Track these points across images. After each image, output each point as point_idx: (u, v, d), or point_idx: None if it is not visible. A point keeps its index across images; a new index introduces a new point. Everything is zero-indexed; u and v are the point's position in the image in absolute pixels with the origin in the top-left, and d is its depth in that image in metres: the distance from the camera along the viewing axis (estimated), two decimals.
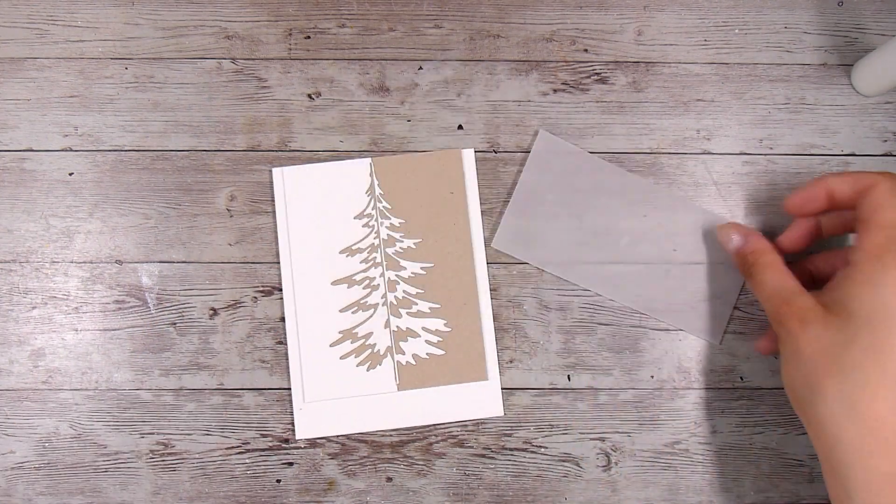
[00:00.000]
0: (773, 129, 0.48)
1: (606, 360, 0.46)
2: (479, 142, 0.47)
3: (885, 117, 0.49)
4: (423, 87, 0.48)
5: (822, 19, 0.49)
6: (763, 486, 0.45)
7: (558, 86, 0.48)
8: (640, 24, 0.49)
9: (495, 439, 0.45)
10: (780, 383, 0.46)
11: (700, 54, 0.49)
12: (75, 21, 0.47)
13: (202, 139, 0.47)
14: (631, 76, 0.48)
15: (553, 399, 0.45)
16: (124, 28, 0.48)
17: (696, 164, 0.48)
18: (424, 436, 0.45)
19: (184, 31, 0.48)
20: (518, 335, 0.46)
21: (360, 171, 0.46)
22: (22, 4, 0.47)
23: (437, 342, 0.45)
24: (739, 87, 0.49)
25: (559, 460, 0.45)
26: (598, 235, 0.47)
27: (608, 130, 0.48)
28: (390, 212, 0.46)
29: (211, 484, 0.44)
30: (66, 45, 0.47)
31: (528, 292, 0.46)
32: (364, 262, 0.46)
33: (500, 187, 0.47)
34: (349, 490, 0.44)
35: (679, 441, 0.45)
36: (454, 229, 0.46)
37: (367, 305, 0.45)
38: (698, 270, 0.46)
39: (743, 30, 0.49)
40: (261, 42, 0.48)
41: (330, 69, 0.48)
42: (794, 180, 0.48)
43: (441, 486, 0.45)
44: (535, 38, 0.49)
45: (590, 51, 0.49)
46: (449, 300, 0.45)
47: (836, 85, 0.49)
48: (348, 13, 0.48)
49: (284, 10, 0.48)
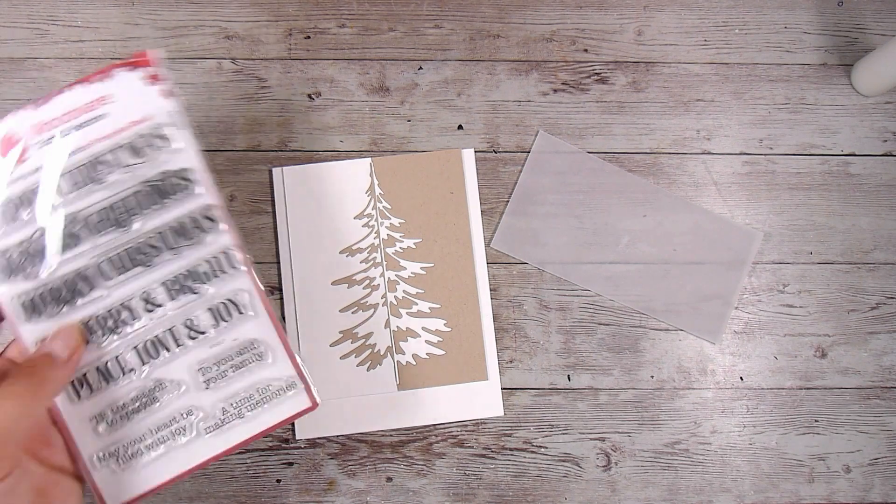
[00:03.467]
0: (773, 129, 0.48)
1: (606, 360, 0.46)
2: (479, 142, 0.47)
3: (885, 117, 0.49)
4: (423, 87, 0.48)
5: (822, 19, 0.49)
6: (763, 486, 0.45)
7: (558, 86, 0.48)
8: (640, 24, 0.49)
9: (495, 439, 0.45)
10: (780, 383, 0.46)
11: (700, 54, 0.49)
12: (75, 21, 0.47)
13: (202, 139, 0.47)
14: (631, 76, 0.48)
15: (553, 399, 0.45)
16: (124, 28, 0.47)
17: (696, 164, 0.48)
18: (424, 436, 0.45)
19: (184, 31, 0.48)
20: (518, 335, 0.46)
21: (360, 171, 0.46)
22: (22, 4, 0.47)
23: (438, 342, 0.45)
24: (739, 87, 0.49)
25: (559, 460, 0.45)
26: (598, 235, 0.47)
27: (608, 130, 0.48)
28: (390, 212, 0.46)
29: (211, 484, 0.44)
30: (66, 45, 0.47)
31: (528, 292, 0.46)
32: (364, 262, 0.46)
33: (500, 187, 0.47)
34: (349, 490, 0.44)
35: (679, 441, 0.45)
36: (454, 229, 0.46)
37: (368, 305, 0.45)
38: (698, 270, 0.46)
39: (743, 30, 0.49)
40: (261, 42, 0.48)
41: (330, 69, 0.48)
42: (794, 180, 0.48)
43: (441, 486, 0.45)
44: (535, 38, 0.49)
45: (590, 51, 0.49)
46: (449, 300, 0.45)
47: (836, 85, 0.49)
48: (348, 13, 0.48)
49: (284, 10, 0.48)
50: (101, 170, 0.35)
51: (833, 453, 0.45)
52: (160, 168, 0.35)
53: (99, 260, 0.35)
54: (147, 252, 0.35)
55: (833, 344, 0.46)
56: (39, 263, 0.35)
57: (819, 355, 0.46)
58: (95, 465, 0.35)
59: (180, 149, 0.35)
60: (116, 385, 0.35)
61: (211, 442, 0.36)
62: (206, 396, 0.36)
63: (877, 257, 0.47)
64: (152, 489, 0.35)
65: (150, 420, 0.35)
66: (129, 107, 0.35)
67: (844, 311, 0.47)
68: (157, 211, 0.35)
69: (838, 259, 0.47)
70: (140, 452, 0.35)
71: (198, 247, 0.35)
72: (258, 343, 0.36)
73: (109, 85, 0.35)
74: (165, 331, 0.35)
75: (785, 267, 0.47)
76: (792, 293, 0.47)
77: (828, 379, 0.46)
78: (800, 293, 0.47)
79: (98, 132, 0.35)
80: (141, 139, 0.35)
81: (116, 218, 0.35)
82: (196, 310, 0.36)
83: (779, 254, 0.47)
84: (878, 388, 0.46)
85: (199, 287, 0.36)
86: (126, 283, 0.35)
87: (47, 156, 0.35)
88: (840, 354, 0.46)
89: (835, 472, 0.45)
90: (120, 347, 0.35)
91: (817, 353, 0.46)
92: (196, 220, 0.35)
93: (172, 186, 0.35)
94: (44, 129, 0.35)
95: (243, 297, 0.36)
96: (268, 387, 0.36)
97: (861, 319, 0.47)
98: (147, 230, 0.35)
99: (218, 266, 0.36)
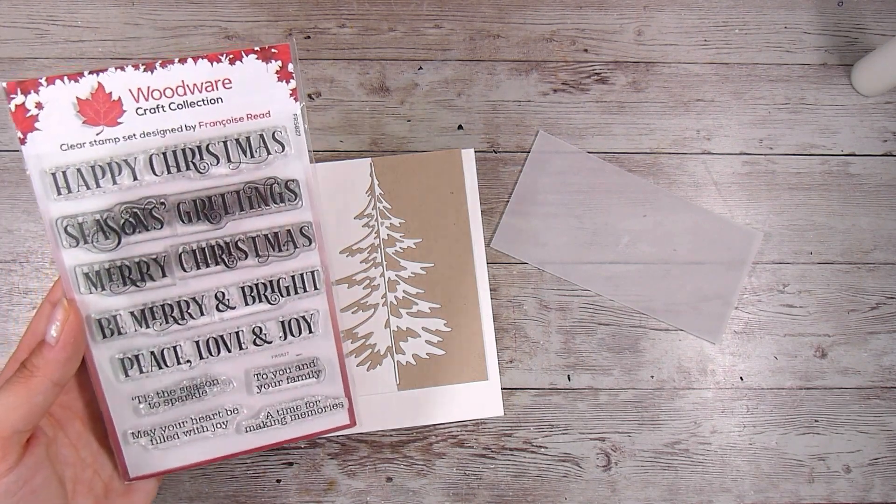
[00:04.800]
0: (773, 129, 0.48)
1: (606, 360, 0.46)
2: (479, 142, 0.47)
3: (885, 117, 0.49)
4: (423, 87, 0.48)
5: (822, 19, 0.49)
6: (763, 486, 0.45)
7: (558, 86, 0.48)
8: (640, 24, 0.49)
9: (495, 439, 0.45)
10: (780, 383, 0.46)
11: (700, 54, 0.49)
12: (75, 21, 0.47)
13: None
14: (631, 76, 0.48)
15: (553, 399, 0.45)
16: (124, 28, 0.47)
17: (696, 164, 0.48)
18: (424, 436, 0.45)
19: (184, 31, 0.48)
20: (518, 335, 0.46)
21: (360, 171, 0.46)
22: (22, 4, 0.47)
23: (438, 342, 0.45)
24: (739, 87, 0.49)
25: (559, 460, 0.45)
26: (598, 235, 0.47)
27: (608, 130, 0.48)
28: (390, 212, 0.46)
29: (211, 484, 0.44)
30: (66, 45, 0.47)
31: (528, 292, 0.46)
32: (364, 262, 0.46)
33: (500, 187, 0.47)
34: (349, 490, 0.44)
35: (679, 441, 0.45)
36: (454, 229, 0.46)
37: (368, 305, 0.45)
38: (698, 270, 0.46)
39: (743, 30, 0.49)
40: (261, 42, 0.48)
41: (330, 69, 0.48)
42: (794, 180, 0.48)
43: (441, 486, 0.45)
44: (535, 38, 0.49)
45: (590, 51, 0.49)
46: (449, 300, 0.45)
47: (836, 85, 0.49)
48: (348, 13, 0.48)
49: (284, 10, 0.48)
50: (206, 158, 0.32)
51: (833, 453, 0.45)
52: (269, 172, 0.33)
53: (179, 250, 0.33)
54: (233, 253, 0.33)
55: (833, 344, 0.46)
56: (114, 238, 0.32)
57: (819, 355, 0.46)
58: (129, 441, 0.34)
59: (293, 156, 0.33)
60: (168, 372, 0.34)
61: (247, 438, 0.35)
62: (255, 399, 0.35)
63: (877, 257, 0.47)
64: (176, 468, 0.34)
65: (192, 408, 0.34)
66: (251, 98, 0.32)
67: (844, 311, 0.47)
68: (253, 215, 0.33)
69: (838, 259, 0.47)
70: (175, 436, 0.34)
71: (287, 260, 0.34)
72: (319, 361, 0.36)
73: (236, 69, 0.32)
74: (231, 333, 0.34)
75: (785, 267, 0.47)
76: (792, 293, 0.47)
77: (828, 379, 0.46)
78: (800, 293, 0.47)
79: (211, 116, 0.32)
80: (256, 136, 0.33)
81: (209, 212, 0.33)
82: (267, 319, 0.34)
83: (779, 254, 0.47)
84: (878, 388, 0.46)
85: (276, 299, 0.34)
86: (202, 278, 0.33)
87: (148, 126, 0.31)
88: (840, 354, 0.46)
89: (835, 472, 0.45)
90: (180, 338, 0.34)
91: (817, 353, 0.46)
92: (291, 234, 0.34)
93: (277, 195, 0.33)
94: (151, 96, 0.31)
95: (317, 316, 0.35)
96: (316, 402, 0.36)
97: (861, 319, 0.47)
98: (238, 231, 0.33)
99: (301, 283, 0.34)
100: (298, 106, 0.33)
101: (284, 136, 0.33)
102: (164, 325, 0.33)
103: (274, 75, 0.32)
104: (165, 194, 0.32)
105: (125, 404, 0.33)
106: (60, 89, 0.30)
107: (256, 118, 0.33)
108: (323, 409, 0.36)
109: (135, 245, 0.32)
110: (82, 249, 0.32)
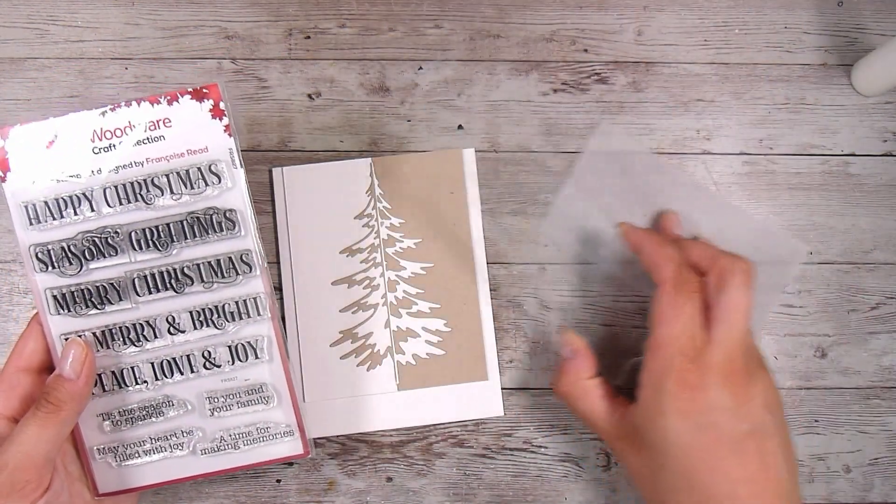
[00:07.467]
0: (773, 129, 0.48)
1: (607, 360, 0.46)
2: (479, 142, 0.47)
3: (885, 117, 0.49)
4: (423, 87, 0.48)
5: (822, 19, 0.49)
6: None
7: (558, 86, 0.48)
8: (640, 24, 0.49)
9: (495, 439, 0.45)
10: (780, 383, 0.46)
11: (700, 54, 0.49)
12: (75, 21, 0.47)
13: None
14: (631, 76, 0.48)
15: (553, 399, 0.45)
16: (124, 28, 0.48)
17: (696, 164, 0.48)
18: (424, 436, 0.45)
19: (184, 31, 0.48)
20: (518, 335, 0.46)
21: (360, 171, 0.46)
22: (22, 4, 0.47)
23: (437, 342, 0.45)
24: (739, 87, 0.49)
25: (559, 460, 0.45)
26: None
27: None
28: (390, 212, 0.46)
29: (211, 484, 0.44)
30: (66, 45, 0.47)
31: (528, 292, 0.46)
32: (364, 262, 0.46)
33: (500, 187, 0.47)
34: (349, 490, 0.44)
35: None
36: (454, 229, 0.46)
37: (368, 305, 0.45)
38: None
39: (743, 30, 0.49)
40: (261, 42, 0.48)
41: (330, 69, 0.48)
42: (794, 180, 0.48)
43: (441, 486, 0.45)
44: (535, 38, 0.49)
45: (590, 51, 0.49)
46: (449, 300, 0.45)
47: (836, 85, 0.49)
48: (348, 13, 0.48)
49: (284, 10, 0.48)
50: (152, 191, 0.36)
51: (833, 453, 0.45)
52: (208, 203, 0.36)
53: (133, 275, 0.36)
54: (180, 279, 0.36)
55: (833, 344, 0.46)
56: (77, 264, 0.36)
57: (819, 355, 0.46)
58: (95, 457, 0.36)
59: (231, 188, 0.36)
60: (128, 391, 0.37)
61: (203, 461, 0.38)
62: (208, 422, 0.37)
63: (877, 257, 0.47)
64: (140, 487, 0.37)
65: (152, 428, 0.37)
66: (189, 135, 0.36)
67: (844, 311, 0.47)
68: (197, 243, 0.36)
69: (838, 259, 0.47)
70: (136, 454, 0.37)
71: (230, 286, 0.36)
72: (267, 387, 0.38)
73: (174, 109, 0.36)
74: (183, 355, 0.37)
75: None
76: (792, 293, 0.47)
77: (828, 379, 0.46)
78: (800, 293, 0.47)
79: (156, 152, 0.36)
80: (195, 170, 0.36)
81: (158, 240, 0.36)
82: (216, 344, 0.37)
83: None
84: (878, 388, 0.46)
85: (223, 324, 0.37)
86: (155, 303, 0.36)
87: (104, 163, 0.36)
88: (840, 354, 0.46)
89: (835, 472, 0.45)
90: (137, 359, 0.37)
91: (817, 353, 0.46)
92: (233, 261, 0.36)
93: (217, 224, 0.36)
94: (104, 136, 0.36)
95: (262, 342, 0.37)
96: (267, 428, 0.38)
97: (861, 319, 0.47)
98: (184, 258, 0.36)
99: (245, 309, 0.37)
100: (232, 140, 0.36)
101: (221, 169, 0.36)
102: (123, 346, 0.36)
103: (208, 113, 0.36)
104: (120, 224, 0.36)
105: (92, 421, 0.36)
106: (29, 132, 0.36)
107: (195, 153, 0.36)
108: (274, 436, 0.38)
109: (95, 270, 0.36)
110: (51, 274, 0.36)
